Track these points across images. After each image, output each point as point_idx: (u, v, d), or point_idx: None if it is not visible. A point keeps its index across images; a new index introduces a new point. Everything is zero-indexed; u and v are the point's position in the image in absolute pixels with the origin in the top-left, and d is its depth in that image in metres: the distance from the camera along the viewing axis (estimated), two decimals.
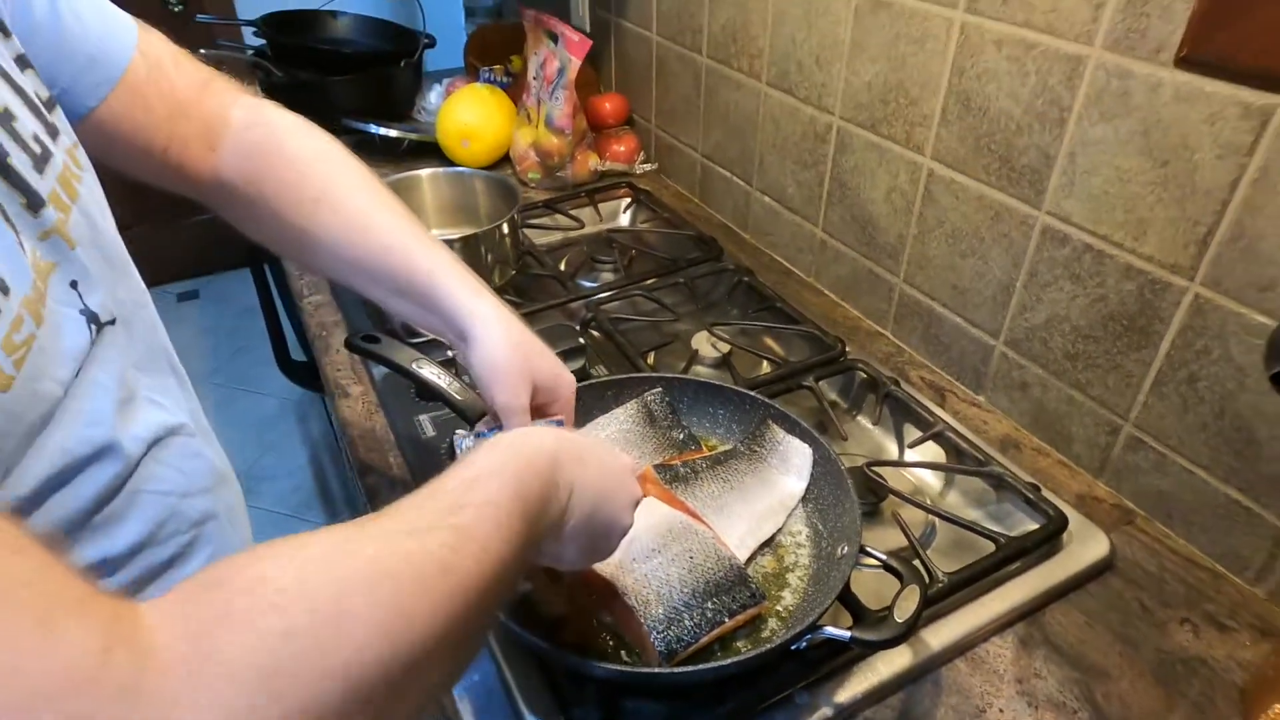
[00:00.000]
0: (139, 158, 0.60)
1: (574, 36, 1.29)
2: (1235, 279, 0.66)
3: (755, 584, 0.63)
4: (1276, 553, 0.69)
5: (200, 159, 0.62)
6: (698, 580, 0.62)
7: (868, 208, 1.02)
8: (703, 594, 0.61)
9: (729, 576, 0.62)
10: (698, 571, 0.62)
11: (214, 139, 0.62)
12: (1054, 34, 0.74)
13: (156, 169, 0.61)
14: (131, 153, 0.59)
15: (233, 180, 0.62)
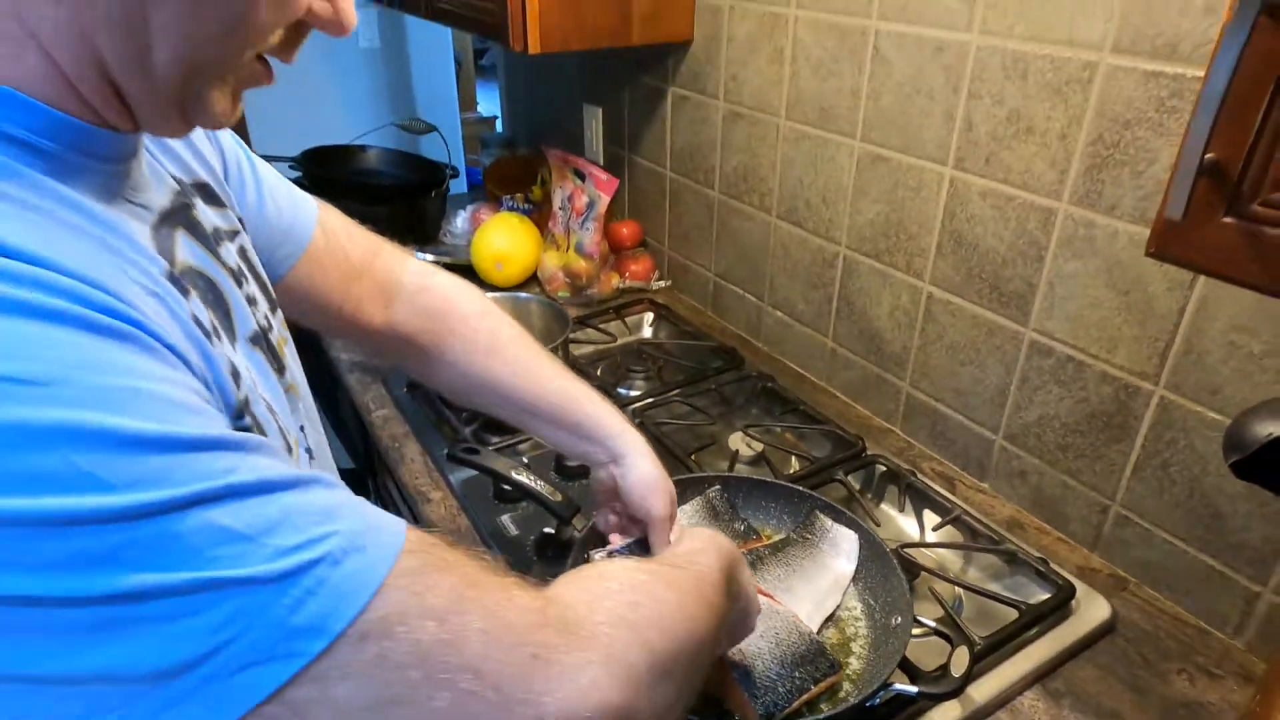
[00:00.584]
0: (318, 314, 0.73)
1: (602, 176, 1.47)
2: (1191, 384, 0.82)
3: (832, 655, 0.75)
4: (1249, 610, 0.84)
5: (374, 314, 0.75)
6: (785, 654, 0.73)
7: (874, 323, 1.19)
8: (790, 665, 0.73)
9: (810, 649, 0.74)
10: (784, 646, 0.74)
11: (389, 298, 0.76)
12: (1029, 190, 0.92)
13: (334, 323, 0.74)
14: (311, 310, 0.72)
15: (410, 333, 0.76)
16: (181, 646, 0.32)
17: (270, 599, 0.33)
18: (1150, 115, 0.79)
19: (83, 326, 0.33)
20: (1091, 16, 0.81)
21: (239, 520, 0.33)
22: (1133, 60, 0.79)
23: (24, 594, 0.30)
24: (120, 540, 0.31)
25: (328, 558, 0.34)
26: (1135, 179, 0.81)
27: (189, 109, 0.42)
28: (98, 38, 0.37)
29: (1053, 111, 0.87)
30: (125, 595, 0.31)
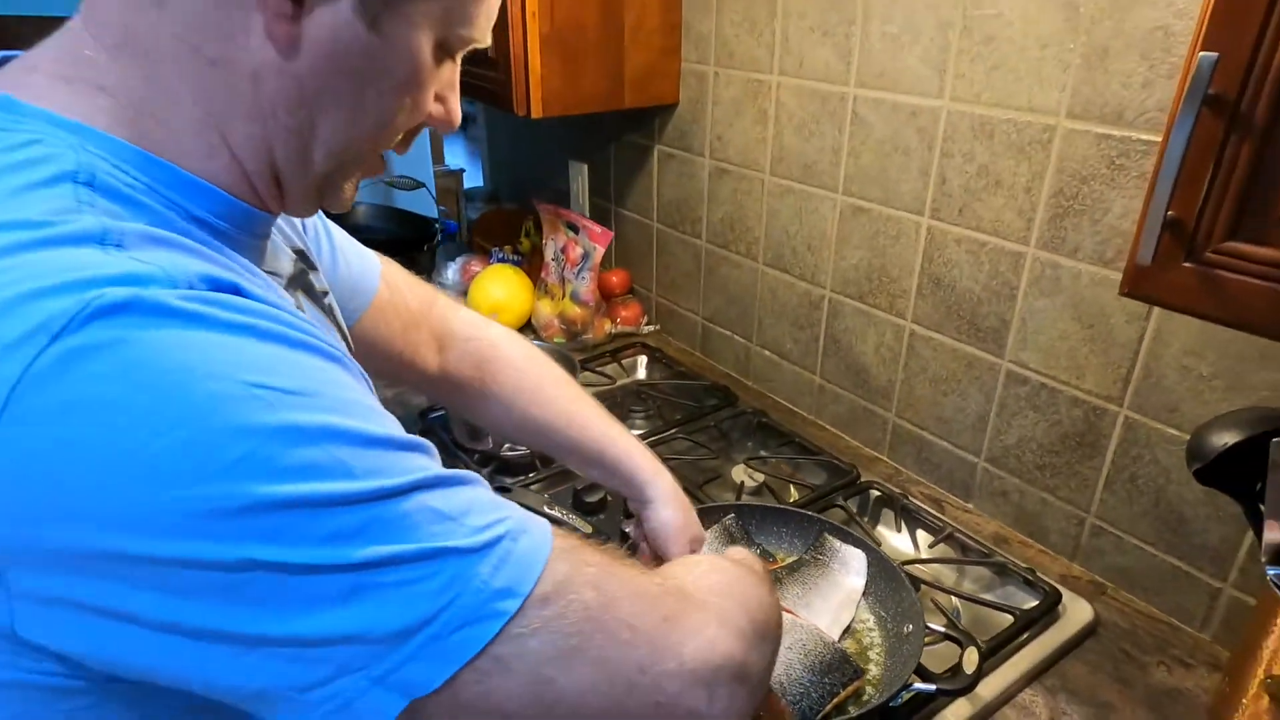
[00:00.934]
0: (381, 360, 0.79)
1: (596, 229, 1.56)
2: (1152, 405, 0.93)
3: (855, 662, 0.82)
4: (1213, 605, 0.94)
5: (429, 360, 0.82)
6: (813, 663, 0.80)
7: (860, 359, 1.29)
8: (819, 673, 0.80)
9: (835, 658, 0.81)
10: (812, 656, 0.81)
11: (442, 345, 0.83)
12: (999, 236, 1.04)
13: (394, 368, 0.81)
14: (375, 356, 0.79)
15: (462, 377, 0.83)
16: (414, 608, 0.38)
17: (474, 566, 0.39)
18: (1103, 171, 0.91)
19: (317, 352, 0.41)
20: (1048, 87, 0.93)
21: (444, 503, 0.40)
22: (1085, 125, 0.91)
23: (300, 562, 0.36)
24: (367, 518, 0.37)
25: (508, 535, 0.41)
26: (1093, 226, 0.93)
27: (325, 195, 0.52)
28: (275, 144, 0.47)
29: (1018, 168, 0.99)
30: (373, 563, 0.37)
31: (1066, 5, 0.89)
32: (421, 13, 0.46)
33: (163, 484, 0.34)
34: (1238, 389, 0.85)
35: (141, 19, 0.43)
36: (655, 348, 1.63)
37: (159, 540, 0.34)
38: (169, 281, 0.36)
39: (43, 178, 0.38)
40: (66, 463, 0.33)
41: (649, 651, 0.43)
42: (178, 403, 0.34)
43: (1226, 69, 0.51)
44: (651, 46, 1.40)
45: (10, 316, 0.33)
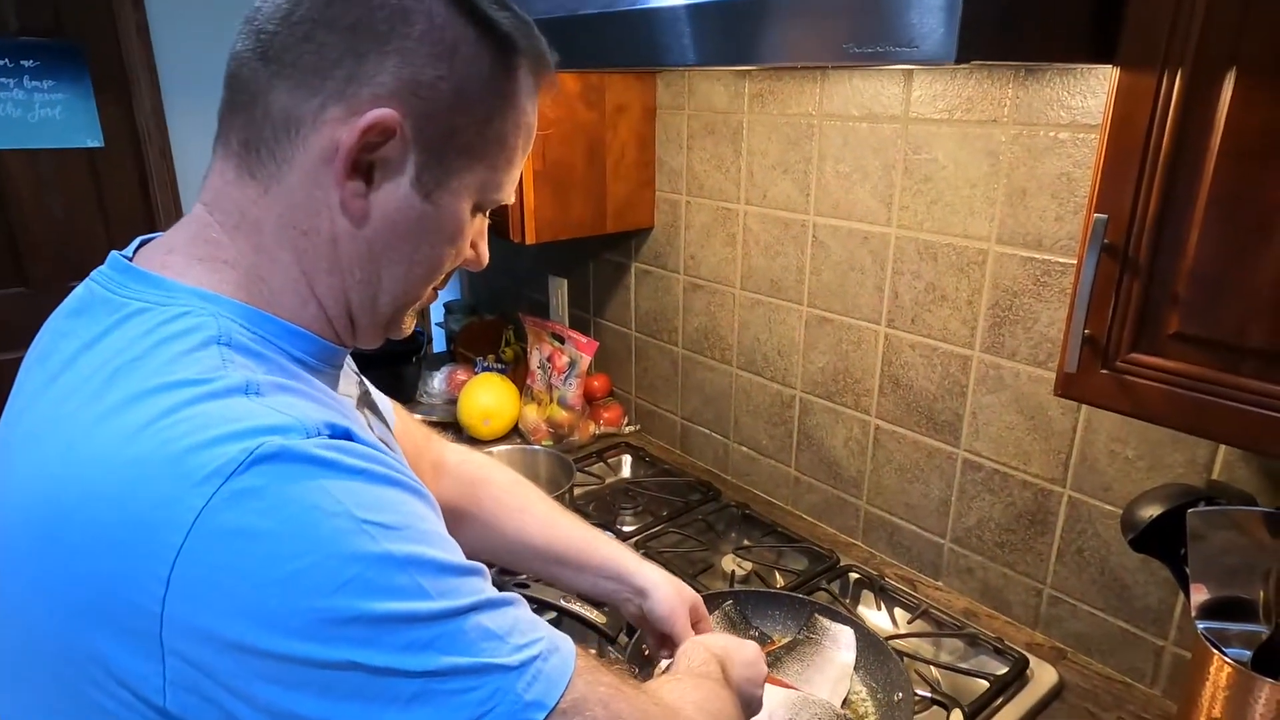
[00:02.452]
0: None
1: (582, 339, 1.69)
2: (1089, 484, 1.08)
3: None
4: (1158, 663, 1.06)
5: (429, 486, 0.91)
6: None
7: (831, 453, 1.42)
8: None
9: None
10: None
11: (438, 473, 0.93)
12: (948, 342, 1.20)
13: None
14: None
15: (453, 500, 0.91)
16: (461, 713, 0.45)
17: (513, 681, 0.47)
18: (1030, 288, 1.08)
19: (406, 489, 0.50)
20: (979, 218, 1.11)
21: (494, 623, 0.48)
22: (1013, 249, 1.09)
23: (381, 666, 0.44)
24: (435, 634, 0.45)
25: (541, 655, 0.49)
26: (1027, 333, 1.09)
27: (390, 329, 0.63)
28: (350, 293, 0.58)
29: (960, 284, 1.16)
30: (435, 672, 0.45)
31: (990, 154, 1.08)
32: (465, 185, 0.57)
33: (294, 595, 0.43)
34: (1157, 468, 1.00)
35: (253, 206, 0.55)
36: (638, 446, 1.74)
37: (285, 638, 0.43)
38: (303, 430, 0.46)
39: (196, 343, 0.49)
40: (230, 574, 0.42)
41: None
42: (309, 535, 0.44)
43: (1114, 225, 0.67)
44: (630, 179, 1.58)
45: (195, 458, 0.44)
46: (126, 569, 0.43)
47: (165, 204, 2.67)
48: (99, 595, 0.44)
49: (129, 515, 0.43)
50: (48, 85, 2.40)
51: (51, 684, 0.48)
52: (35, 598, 0.47)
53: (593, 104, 1.48)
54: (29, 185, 2.50)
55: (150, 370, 0.47)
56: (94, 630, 0.44)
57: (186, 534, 0.42)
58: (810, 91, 1.29)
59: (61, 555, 0.45)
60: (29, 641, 0.48)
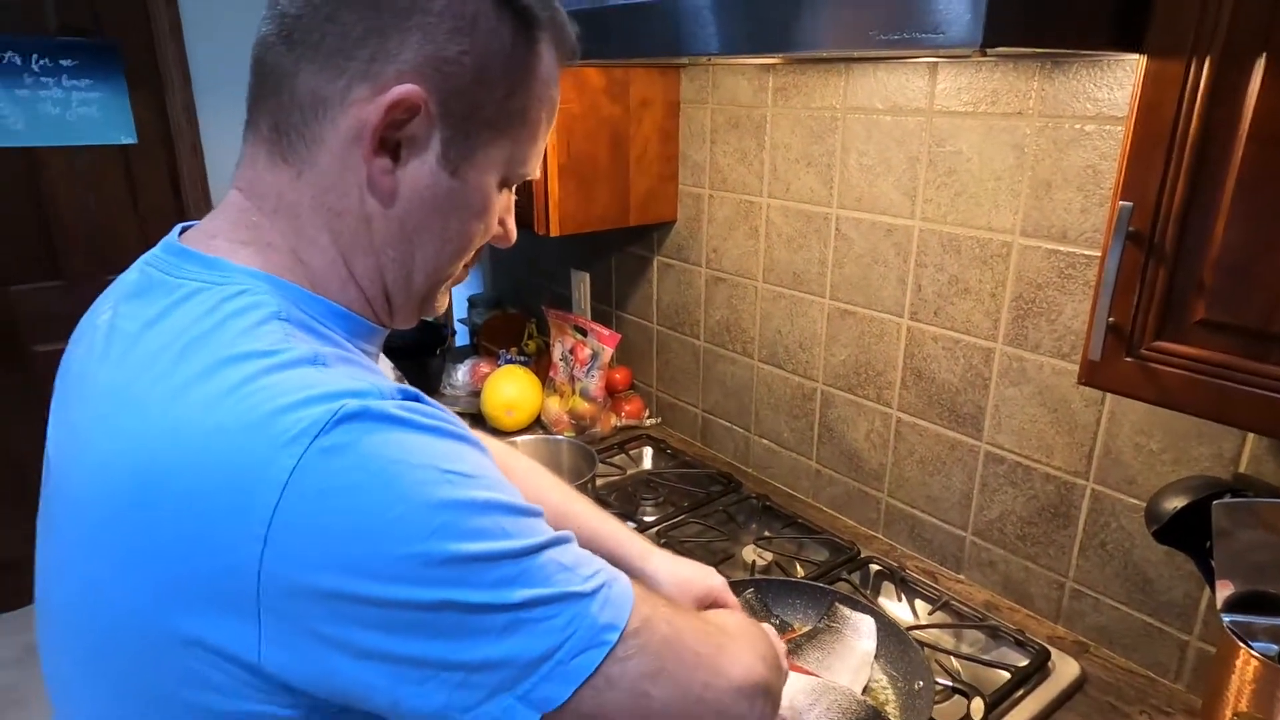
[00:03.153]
0: None
1: (605, 332, 1.71)
2: (1113, 477, 1.07)
3: (886, 715, 0.92)
4: (1183, 657, 1.05)
5: None
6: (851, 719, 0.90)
7: (852, 445, 1.42)
8: None
9: (869, 714, 0.91)
10: (849, 714, 0.91)
11: None
12: (971, 334, 1.19)
13: None
14: None
15: None
16: (548, 639, 0.48)
17: (588, 606, 0.50)
18: (1054, 280, 1.08)
19: (472, 443, 0.52)
20: (1003, 211, 1.11)
21: (564, 558, 0.51)
22: (1037, 241, 1.08)
23: (476, 602, 0.46)
24: (520, 569, 0.48)
25: (606, 583, 0.52)
26: (1050, 325, 1.09)
27: (424, 307, 0.64)
28: (385, 272, 0.59)
29: (983, 277, 1.16)
30: (523, 604, 0.48)
31: (1014, 146, 1.08)
32: (490, 159, 0.58)
33: (389, 543, 0.45)
34: (1182, 461, 1.00)
35: (288, 190, 0.56)
36: (659, 439, 1.75)
37: (382, 584, 0.45)
38: (379, 394, 0.48)
39: (258, 319, 0.51)
40: (326, 527, 0.44)
41: (708, 671, 0.57)
42: (397, 485, 0.46)
43: (1140, 213, 0.68)
44: (653, 173, 1.59)
45: (281, 420, 0.45)
46: (221, 532, 0.45)
47: (196, 200, 2.72)
48: (189, 566, 0.45)
49: (219, 481, 0.45)
50: (85, 84, 2.46)
51: (131, 666, 0.49)
52: (119, 576, 0.48)
53: (617, 98, 1.49)
54: (65, 181, 2.56)
55: (219, 345, 0.49)
56: (182, 607, 0.46)
57: (281, 492, 0.44)
58: (834, 85, 1.29)
59: (148, 528, 0.46)
60: (112, 622, 0.49)
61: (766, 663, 0.63)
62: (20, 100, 2.38)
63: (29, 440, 2.73)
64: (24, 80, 2.37)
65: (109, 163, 2.63)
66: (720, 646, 0.59)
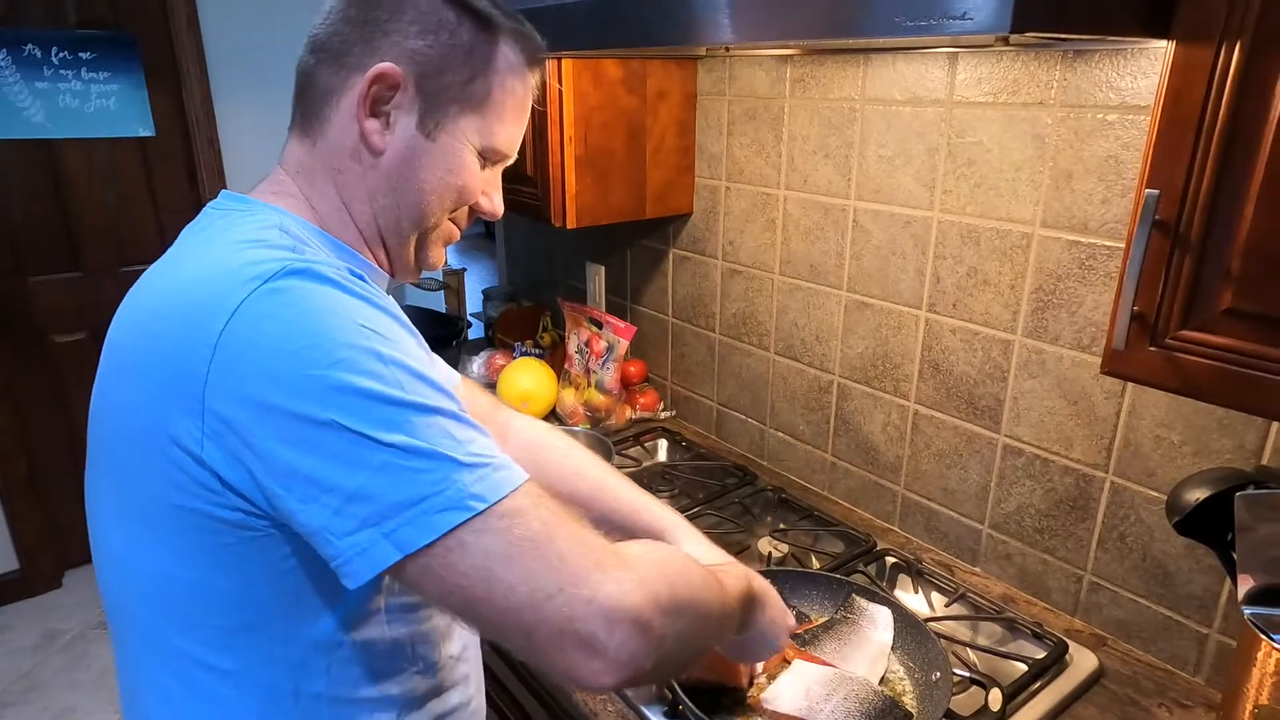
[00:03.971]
0: None
1: (620, 324, 1.71)
2: (1133, 470, 1.07)
3: (904, 707, 0.92)
4: (1202, 650, 1.05)
5: None
6: (868, 709, 0.90)
7: (869, 438, 1.42)
8: (874, 718, 0.89)
9: (887, 704, 0.91)
10: (866, 704, 0.91)
11: (504, 438, 1.00)
12: (990, 326, 1.19)
13: None
14: None
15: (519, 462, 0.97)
16: (416, 488, 0.55)
17: (461, 474, 0.56)
18: (1075, 271, 1.07)
19: (401, 324, 0.63)
20: (1023, 202, 1.11)
21: (455, 431, 0.59)
22: (1057, 233, 1.08)
23: (357, 430, 0.55)
24: (404, 417, 0.56)
25: (492, 465, 0.59)
26: (1071, 317, 1.09)
27: (419, 259, 0.77)
28: (379, 217, 0.74)
29: (1002, 268, 1.15)
30: (399, 447, 0.55)
31: (1035, 136, 1.08)
32: (461, 129, 0.72)
33: (299, 364, 0.55)
34: (1204, 454, 0.99)
35: (306, 157, 0.74)
36: (674, 431, 1.75)
37: (289, 396, 0.55)
38: (327, 265, 0.61)
39: (265, 225, 0.67)
40: (256, 346, 0.56)
41: (568, 577, 0.57)
42: (317, 323, 0.57)
43: (1166, 201, 0.67)
44: (669, 165, 1.59)
45: (247, 269, 0.59)
46: (188, 343, 0.57)
47: (213, 191, 2.72)
48: (171, 371, 0.58)
49: (197, 308, 0.58)
50: (103, 76, 2.48)
51: (137, 470, 0.62)
52: (131, 384, 0.62)
53: (634, 90, 1.49)
54: (84, 174, 2.59)
55: (234, 235, 0.65)
56: (167, 407, 0.58)
57: (230, 315, 0.57)
58: (853, 76, 1.29)
59: (151, 345, 0.61)
60: (126, 430, 0.62)
61: (655, 600, 0.59)
62: (40, 92, 2.40)
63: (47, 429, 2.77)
64: (43, 73, 2.39)
65: (127, 155, 2.65)
66: (600, 564, 0.59)
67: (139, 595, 0.67)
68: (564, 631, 0.56)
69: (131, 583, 0.67)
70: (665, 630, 0.60)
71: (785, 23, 0.74)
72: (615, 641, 0.56)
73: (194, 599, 0.64)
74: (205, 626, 0.65)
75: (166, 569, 0.64)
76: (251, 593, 0.64)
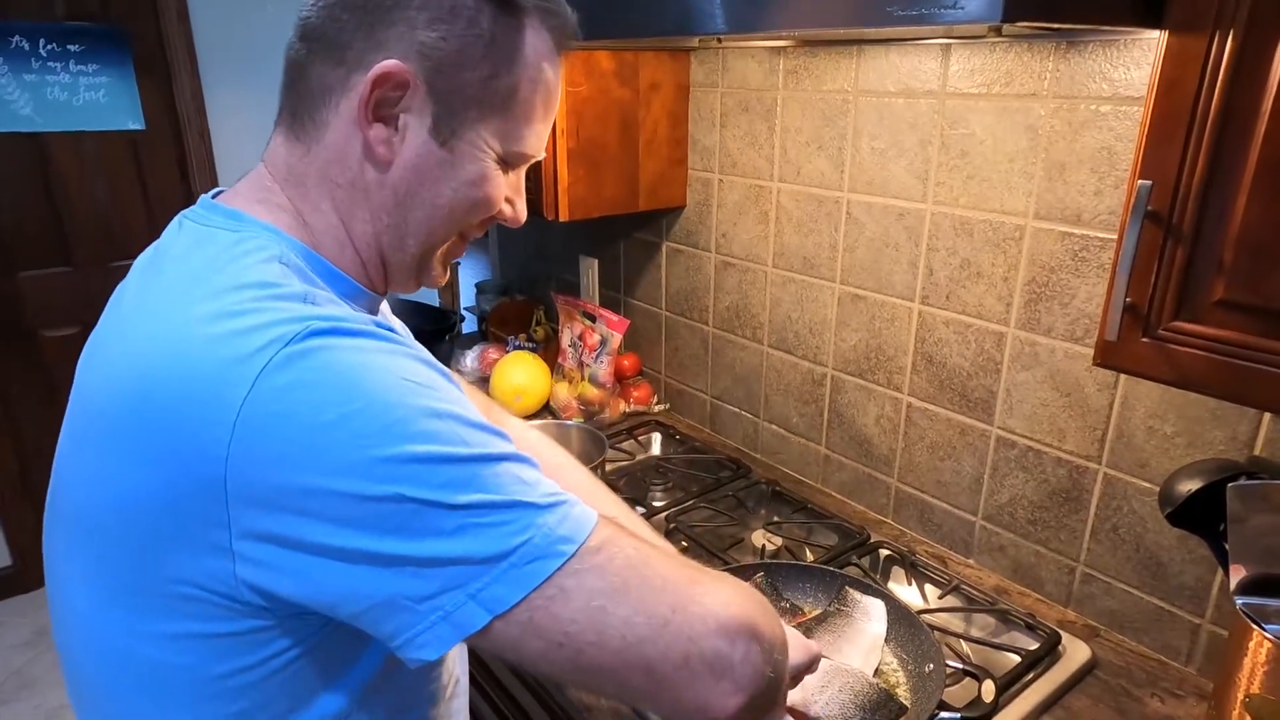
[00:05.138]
0: None
1: (613, 318, 1.71)
2: (1126, 461, 1.07)
3: (899, 699, 0.92)
4: (1194, 641, 1.05)
5: None
6: (863, 701, 0.90)
7: (862, 431, 1.42)
8: (869, 710, 0.89)
9: (882, 696, 0.91)
10: (861, 696, 0.91)
11: None
12: (983, 319, 1.19)
13: None
14: None
15: None
16: (499, 543, 0.51)
17: (544, 518, 0.52)
18: (1068, 263, 1.07)
19: (438, 370, 0.57)
20: (1016, 193, 1.11)
21: (523, 473, 0.54)
22: (1050, 224, 1.08)
23: (425, 499, 0.49)
24: (471, 473, 0.51)
25: (568, 502, 0.55)
26: (1064, 309, 1.09)
27: (421, 274, 0.68)
28: (381, 237, 0.65)
29: (995, 260, 1.15)
30: (473, 506, 0.50)
31: (1028, 128, 1.07)
32: (480, 135, 0.62)
33: (343, 437, 0.49)
34: (1197, 445, 0.99)
35: (298, 163, 0.63)
36: (668, 425, 1.75)
37: (338, 477, 0.48)
38: (352, 319, 0.54)
39: (264, 259, 0.58)
40: (286, 421, 0.48)
41: (678, 597, 0.55)
42: (357, 385, 0.50)
43: (1159, 192, 0.67)
44: (662, 157, 1.58)
45: (263, 332, 0.51)
46: (199, 433, 0.49)
47: (204, 186, 2.72)
48: (175, 451, 0.50)
49: (201, 385, 0.50)
50: (92, 69, 2.46)
51: (127, 536, 0.53)
52: (119, 457, 0.53)
53: (626, 81, 1.49)
54: (74, 168, 2.57)
55: (230, 275, 0.55)
56: (172, 493, 0.50)
57: (249, 390, 0.49)
58: (846, 67, 1.28)
59: (144, 428, 0.51)
60: (111, 499, 0.54)
61: (754, 603, 0.59)
62: (27, 85, 2.38)
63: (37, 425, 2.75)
64: (31, 65, 2.37)
65: (117, 149, 2.63)
66: (696, 579, 0.58)
67: (107, 665, 0.60)
68: (688, 656, 0.54)
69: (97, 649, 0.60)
70: (771, 630, 0.60)
71: (777, 13, 0.74)
72: (739, 654, 0.55)
73: (188, 686, 0.58)
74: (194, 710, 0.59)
75: (145, 650, 0.56)
76: (249, 680, 0.57)
